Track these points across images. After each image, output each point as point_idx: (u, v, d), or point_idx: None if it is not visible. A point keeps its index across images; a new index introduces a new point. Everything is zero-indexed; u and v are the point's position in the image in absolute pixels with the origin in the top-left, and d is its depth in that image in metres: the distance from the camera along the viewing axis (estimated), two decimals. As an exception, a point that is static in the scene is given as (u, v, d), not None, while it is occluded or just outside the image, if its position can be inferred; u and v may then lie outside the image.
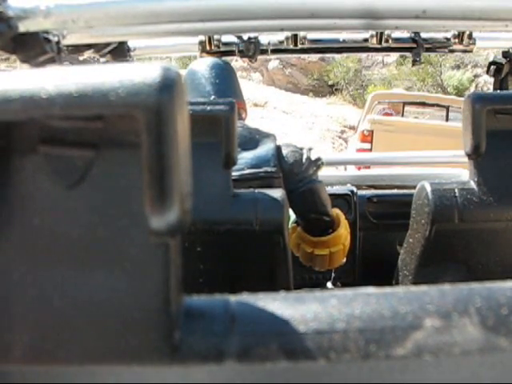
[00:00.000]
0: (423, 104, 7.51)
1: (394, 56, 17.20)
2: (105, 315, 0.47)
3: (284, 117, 13.48)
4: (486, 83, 15.98)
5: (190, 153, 0.47)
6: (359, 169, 4.44)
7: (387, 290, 0.51)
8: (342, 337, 0.46)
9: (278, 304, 0.49)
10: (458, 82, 15.85)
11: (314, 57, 15.19)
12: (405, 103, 7.55)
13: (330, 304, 0.49)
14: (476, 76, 16.41)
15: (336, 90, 16.64)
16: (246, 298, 0.51)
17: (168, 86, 0.43)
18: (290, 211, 1.69)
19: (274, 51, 2.09)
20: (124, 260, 0.47)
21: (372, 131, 6.22)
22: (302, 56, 14.85)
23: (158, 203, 0.43)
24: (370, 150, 6.15)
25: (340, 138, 12.77)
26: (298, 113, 13.86)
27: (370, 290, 0.51)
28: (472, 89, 15.86)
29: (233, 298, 0.50)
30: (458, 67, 16.54)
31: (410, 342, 0.46)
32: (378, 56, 17.07)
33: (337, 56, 15.62)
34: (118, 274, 0.47)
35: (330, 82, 16.49)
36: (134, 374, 0.48)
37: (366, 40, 2.00)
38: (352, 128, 12.36)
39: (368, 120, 6.61)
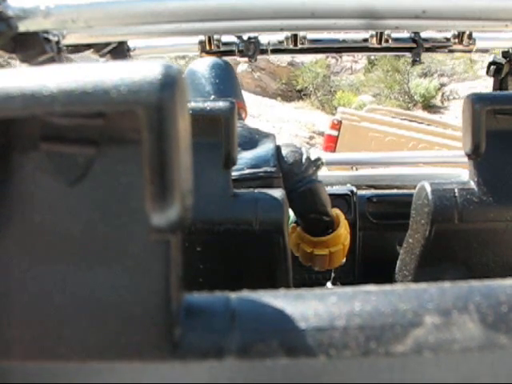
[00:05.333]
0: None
1: (362, 63, 17.59)
2: (105, 312, 0.47)
3: (252, 120, 13.39)
4: (452, 92, 16.46)
5: (191, 147, 0.47)
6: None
7: (387, 287, 0.51)
8: (342, 334, 0.46)
9: (279, 301, 0.49)
10: (425, 90, 16.18)
11: (283, 61, 15.30)
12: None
13: (330, 301, 0.49)
14: (442, 85, 16.84)
15: (304, 95, 16.62)
16: (247, 295, 0.51)
17: (169, 83, 0.43)
18: (290, 211, 1.70)
19: (274, 51, 2.09)
20: (125, 257, 0.47)
21: (341, 121, 6.86)
22: (271, 60, 14.94)
23: (159, 200, 0.43)
24: (337, 136, 6.77)
25: (308, 143, 12.63)
26: (265, 117, 13.70)
27: (370, 287, 0.51)
28: (438, 97, 16.43)
29: (233, 296, 0.50)
30: (425, 75, 16.94)
31: (409, 339, 0.46)
32: (347, 62, 17.40)
33: (306, 61, 15.73)
34: (119, 271, 0.47)
35: (299, 87, 16.45)
36: (134, 371, 0.48)
37: (365, 40, 2.01)
38: (321, 134, 12.37)
39: (339, 111, 7.31)
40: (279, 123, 13.33)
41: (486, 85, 15.63)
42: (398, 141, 6.39)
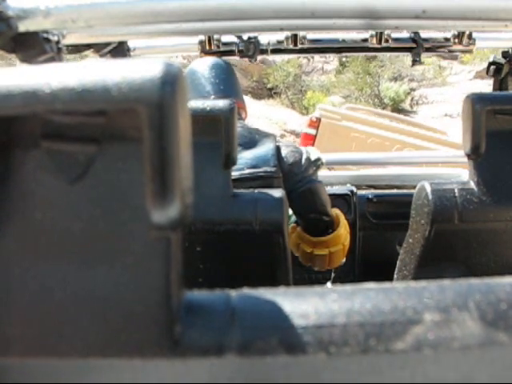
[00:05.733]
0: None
1: (333, 64, 17.74)
2: (106, 309, 0.47)
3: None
4: (421, 97, 16.81)
5: (192, 148, 0.47)
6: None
7: (387, 285, 0.51)
8: (342, 331, 0.46)
9: (279, 299, 0.49)
10: (395, 93, 16.52)
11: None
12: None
13: (330, 298, 0.49)
14: (412, 89, 17.26)
15: (275, 93, 16.66)
16: (247, 293, 0.51)
17: (170, 81, 0.43)
18: (290, 211, 1.70)
19: (274, 51, 2.09)
20: (125, 254, 0.47)
21: (320, 118, 6.36)
22: (243, 56, 14.79)
23: (160, 197, 0.44)
24: (315, 136, 6.27)
25: (280, 142, 12.57)
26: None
27: (370, 285, 0.51)
28: (407, 101, 16.80)
29: (233, 293, 0.51)
30: (395, 79, 17.30)
31: (409, 336, 0.46)
32: (318, 63, 17.55)
33: (278, 59, 15.68)
34: (120, 268, 0.47)
35: (270, 85, 16.44)
36: (135, 368, 0.48)
37: (365, 40, 2.01)
38: (292, 132, 12.26)
39: (319, 108, 6.79)
40: (250, 119, 13.29)
41: (454, 92, 15.93)
42: (382, 143, 5.97)
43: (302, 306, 0.49)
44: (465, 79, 16.96)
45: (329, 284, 2.28)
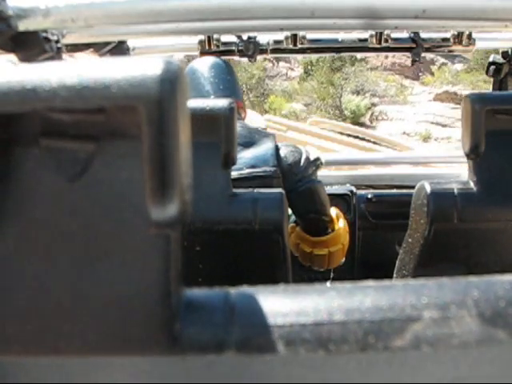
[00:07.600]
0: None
1: (298, 71, 17.76)
2: (105, 307, 0.47)
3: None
4: (381, 113, 17.01)
5: (191, 145, 0.47)
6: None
7: (386, 282, 0.51)
8: (341, 328, 0.46)
9: (278, 296, 0.50)
10: (356, 107, 16.66)
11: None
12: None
13: (329, 296, 0.49)
14: (373, 104, 17.47)
15: None
16: (246, 290, 0.51)
17: (169, 78, 0.43)
18: (290, 211, 1.70)
19: (274, 51, 2.10)
20: (125, 251, 0.47)
21: (265, 129, 6.04)
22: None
23: (159, 195, 0.44)
24: None
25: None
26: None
27: (369, 282, 0.51)
28: (367, 116, 16.92)
29: (232, 290, 0.51)
30: (357, 93, 17.46)
31: (408, 333, 0.46)
32: (283, 68, 17.63)
33: (243, 60, 15.65)
34: (119, 266, 0.47)
35: None
36: (134, 365, 0.48)
37: (365, 40, 2.01)
38: None
39: (265, 118, 6.54)
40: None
41: (413, 111, 16.10)
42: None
43: (301, 303, 0.49)
44: (424, 100, 17.14)
45: (328, 284, 2.28)
